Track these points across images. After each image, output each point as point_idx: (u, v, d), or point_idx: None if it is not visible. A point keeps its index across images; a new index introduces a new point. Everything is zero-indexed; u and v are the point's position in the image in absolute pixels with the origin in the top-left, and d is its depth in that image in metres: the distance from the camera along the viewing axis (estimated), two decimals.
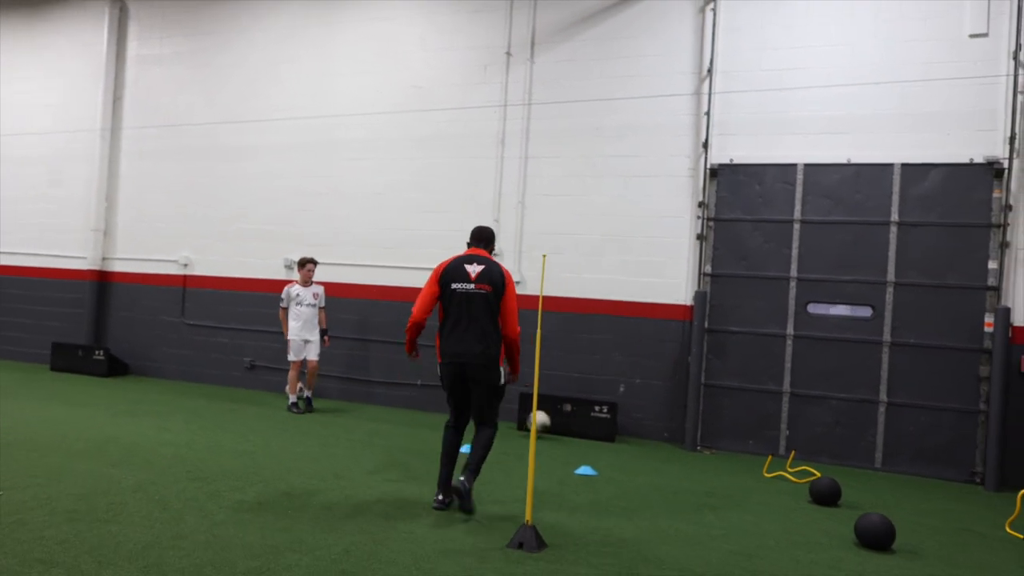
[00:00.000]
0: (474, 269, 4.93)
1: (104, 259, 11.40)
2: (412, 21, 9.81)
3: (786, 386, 7.86)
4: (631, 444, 8.02)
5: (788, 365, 7.87)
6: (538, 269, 8.85)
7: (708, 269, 8.19)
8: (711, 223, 8.23)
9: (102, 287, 11.35)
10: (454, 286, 4.90)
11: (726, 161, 8.21)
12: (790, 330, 7.90)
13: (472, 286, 4.87)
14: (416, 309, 4.95)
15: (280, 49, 10.47)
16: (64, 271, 11.57)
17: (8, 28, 12.42)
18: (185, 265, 10.85)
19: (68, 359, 10.87)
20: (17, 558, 3.47)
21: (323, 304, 8.80)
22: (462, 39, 9.55)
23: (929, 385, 7.42)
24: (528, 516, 4.22)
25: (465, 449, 5.31)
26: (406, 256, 9.55)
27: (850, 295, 7.74)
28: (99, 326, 11.33)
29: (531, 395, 8.32)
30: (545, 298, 8.77)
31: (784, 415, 7.87)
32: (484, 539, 4.26)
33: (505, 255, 9.09)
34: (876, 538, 4.67)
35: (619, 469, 6.65)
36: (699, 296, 8.06)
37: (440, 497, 4.86)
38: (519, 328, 5.00)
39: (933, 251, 7.48)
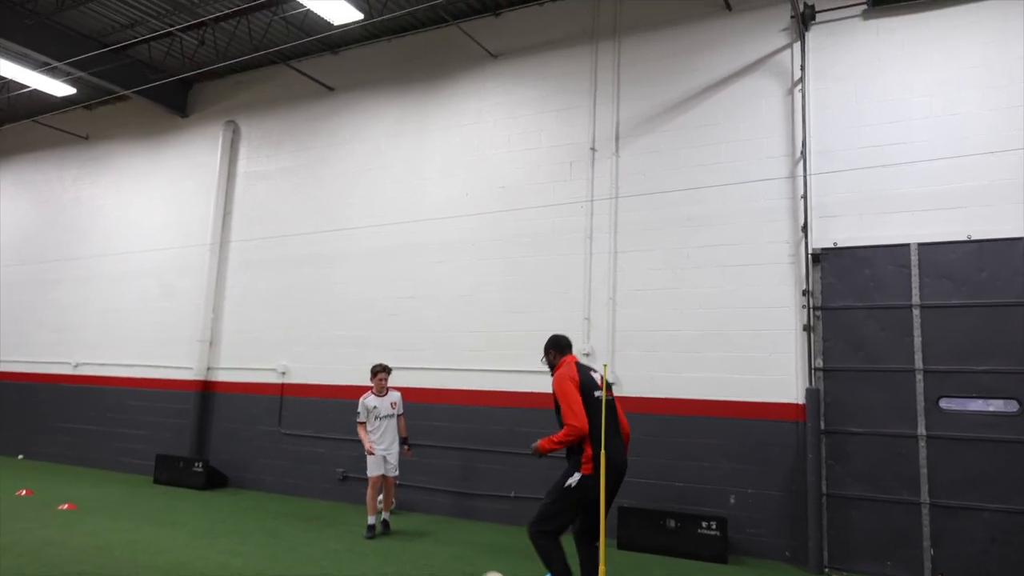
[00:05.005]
0: (598, 376, 5.24)
1: (209, 369, 11.75)
2: (498, 124, 9.90)
3: (924, 496, 6.84)
4: (746, 565, 7.15)
5: (924, 471, 6.88)
6: (634, 369, 8.38)
7: (819, 363, 7.42)
8: (818, 312, 7.52)
9: (206, 397, 11.65)
10: (596, 394, 5.08)
11: (829, 245, 7.56)
12: (921, 430, 6.95)
13: (603, 394, 5.11)
14: (582, 420, 4.90)
15: (375, 158, 10.79)
16: (173, 382, 11.99)
17: (138, 155, 13.52)
18: (283, 373, 11.00)
19: (170, 471, 11.06)
20: None
21: (402, 411, 8.32)
22: (547, 138, 9.51)
23: None
24: None
25: None
26: (495, 359, 9.26)
27: (988, 387, 6.77)
28: (201, 436, 11.55)
29: (633, 509, 7.68)
30: (641, 399, 8.25)
31: (926, 530, 6.81)
32: None
33: (597, 354, 8.64)
34: None
35: None
36: (811, 393, 7.28)
37: None
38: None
39: None
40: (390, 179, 10.60)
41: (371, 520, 7.84)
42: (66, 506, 8.71)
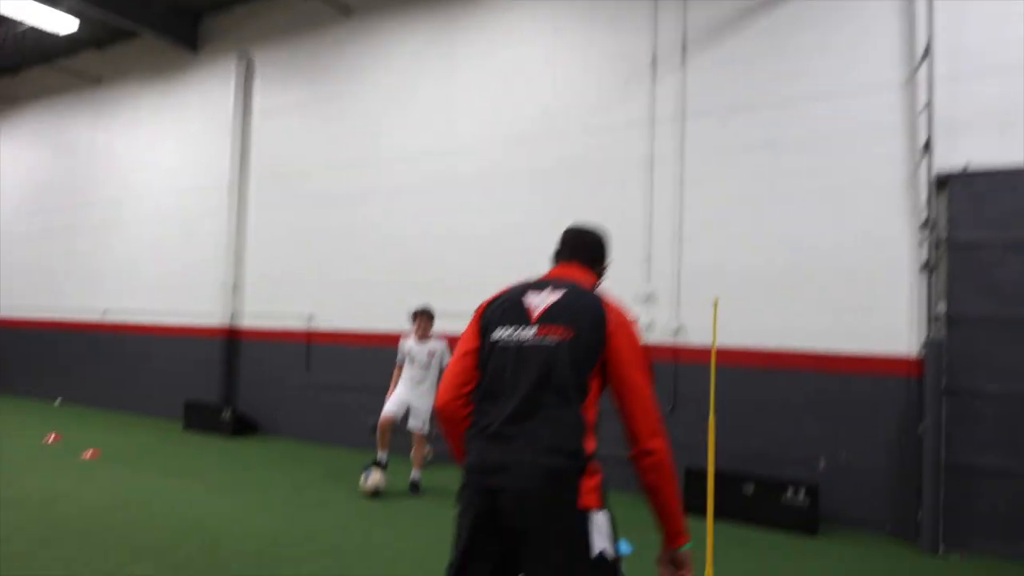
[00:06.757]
0: (541, 300, 2.34)
1: (233, 315, 10.93)
2: (539, 41, 8.60)
3: None
4: (839, 540, 6.01)
5: None
6: (701, 315, 7.13)
7: (942, 309, 6.14)
8: (941, 248, 6.22)
9: (232, 344, 10.88)
10: (497, 335, 2.33)
11: (958, 167, 6.20)
12: None
13: (531, 333, 2.26)
14: (440, 391, 2.42)
15: (400, 86, 9.60)
16: (198, 329, 11.20)
17: (151, 95, 12.58)
18: (310, 319, 10.08)
19: (199, 418, 10.48)
20: None
21: (446, 364, 7.29)
22: (596, 52, 8.21)
23: None
24: None
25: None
26: None
27: None
28: (230, 383, 10.85)
29: (700, 471, 6.56)
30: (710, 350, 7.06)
31: None
32: None
33: (660, 298, 7.50)
34: None
35: None
36: (932, 345, 6.01)
37: None
38: (659, 426, 2.17)
39: None
40: (417, 107, 9.42)
41: (381, 456, 6.89)
42: (90, 453, 8.14)
